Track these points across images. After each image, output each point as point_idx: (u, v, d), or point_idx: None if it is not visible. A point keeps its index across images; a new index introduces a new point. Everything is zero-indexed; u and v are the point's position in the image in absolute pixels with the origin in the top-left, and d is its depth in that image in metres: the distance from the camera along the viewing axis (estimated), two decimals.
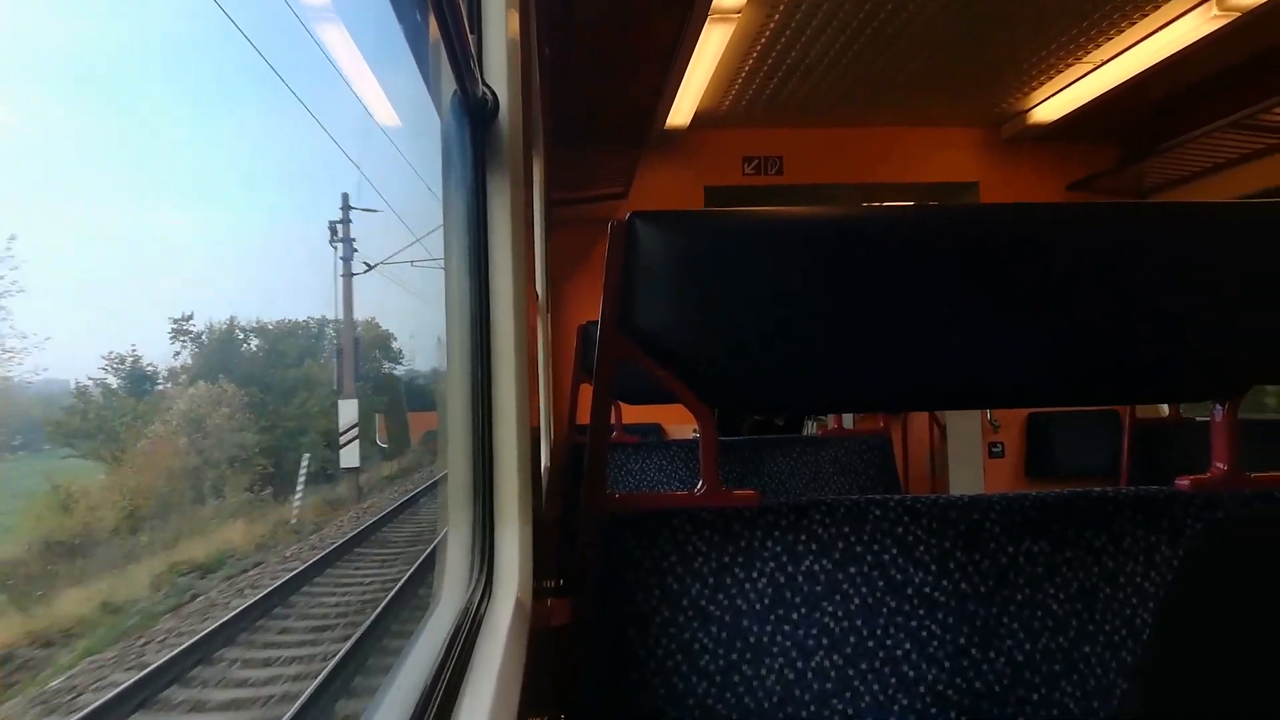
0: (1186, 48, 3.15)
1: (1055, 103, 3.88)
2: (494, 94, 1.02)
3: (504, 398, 1.03)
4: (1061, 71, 3.60)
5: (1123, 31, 3.22)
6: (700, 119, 3.97)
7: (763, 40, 3.26)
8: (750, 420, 4.44)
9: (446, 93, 1.00)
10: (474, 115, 1.01)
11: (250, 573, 6.94)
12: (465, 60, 0.90)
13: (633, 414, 2.87)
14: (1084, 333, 0.88)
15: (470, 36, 0.92)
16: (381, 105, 4.18)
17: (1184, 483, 0.98)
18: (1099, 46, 3.35)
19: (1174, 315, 0.88)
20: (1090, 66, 3.53)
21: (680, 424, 3.98)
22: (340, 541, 8.16)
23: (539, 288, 3.06)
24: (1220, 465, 0.98)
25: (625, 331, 0.90)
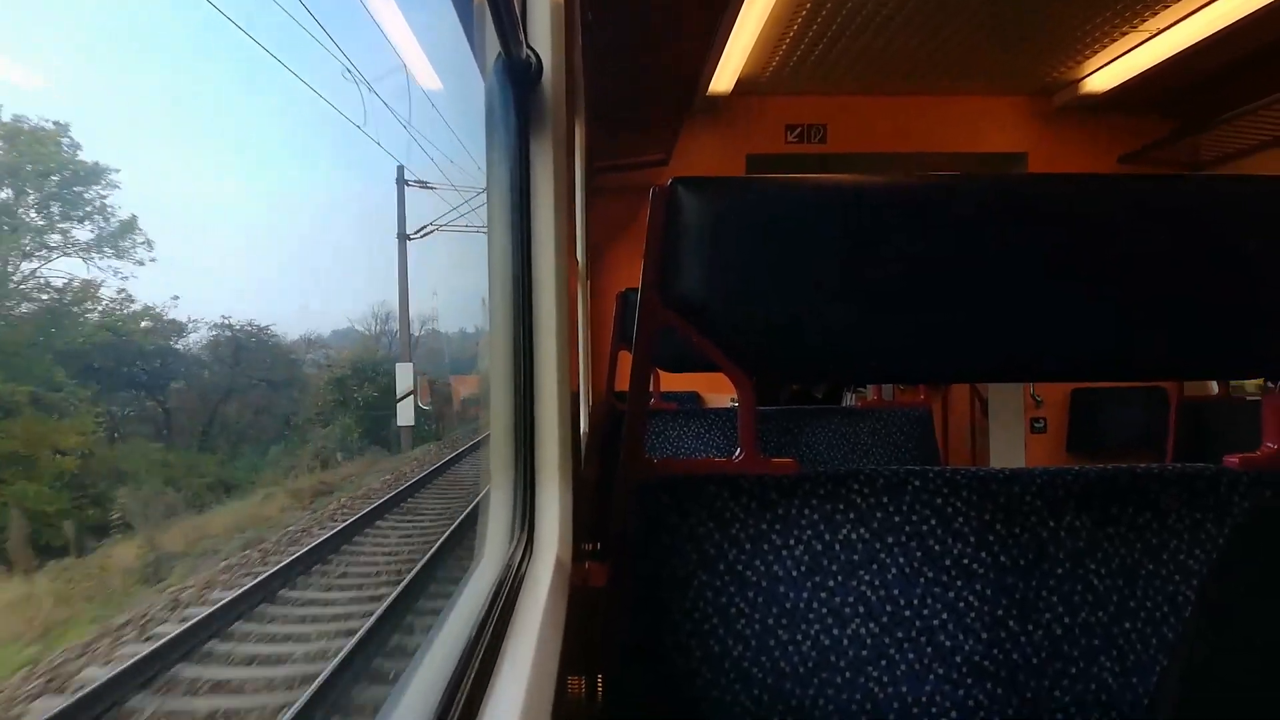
0: (1245, 16, 3.03)
1: (1108, 72, 3.76)
2: (538, 57, 1.02)
3: (545, 362, 1.04)
4: (1115, 40, 3.49)
5: None
6: (743, 86, 3.92)
7: (808, 5, 3.20)
8: (788, 391, 4.42)
9: (490, 55, 1.01)
10: (517, 78, 1.01)
11: None
12: (510, 22, 0.90)
13: (670, 382, 2.88)
14: (1133, 307, 0.86)
15: None
16: (424, 68, 4.19)
17: (1233, 461, 0.96)
18: (1155, 14, 3.24)
19: (1226, 290, 0.86)
20: (1145, 35, 3.41)
21: (718, 393, 3.98)
22: None
23: (579, 254, 3.07)
24: (1270, 445, 0.97)
25: (666, 299, 0.90)
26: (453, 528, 7.72)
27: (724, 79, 3.79)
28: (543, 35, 1.04)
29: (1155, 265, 0.86)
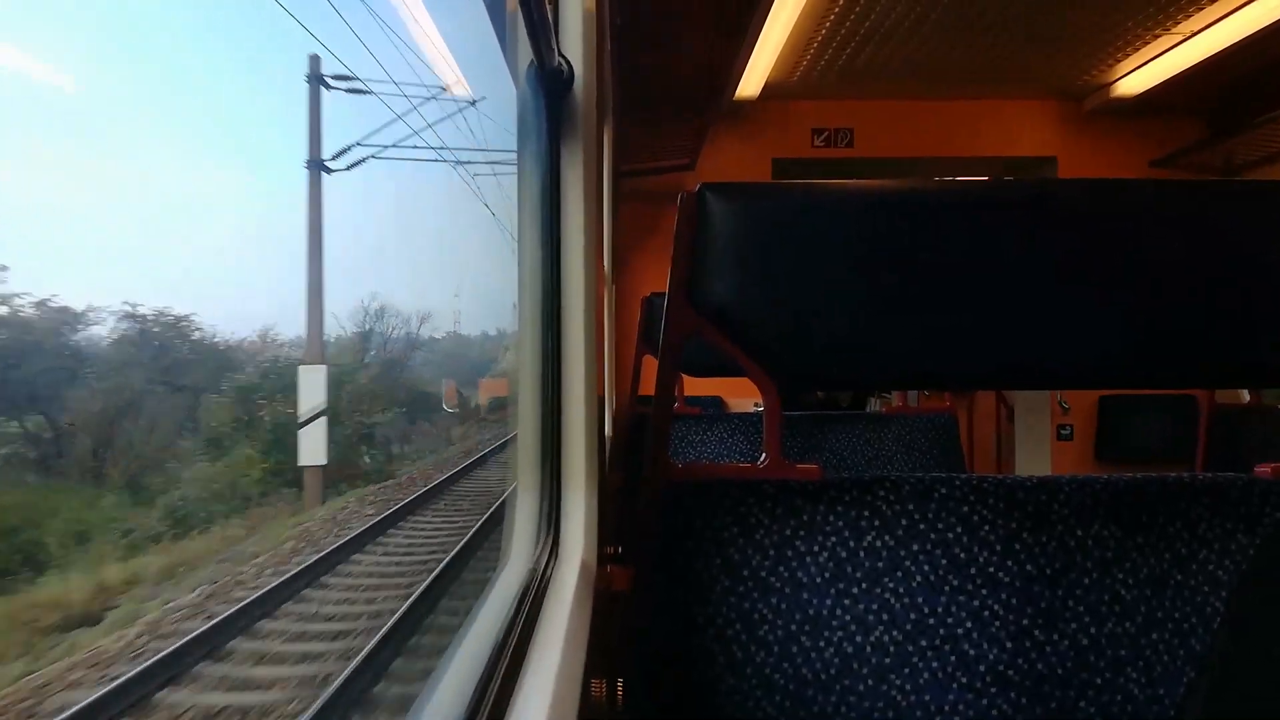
0: None
1: (1141, 75, 3.72)
2: (569, 65, 1.03)
3: (573, 366, 1.05)
4: (1149, 43, 3.45)
5: (1215, 1, 3.07)
6: (770, 90, 3.91)
7: (837, 8, 3.19)
8: (813, 397, 4.40)
9: (523, 63, 1.02)
10: (549, 86, 1.02)
11: None
12: (543, 31, 0.91)
13: (693, 386, 2.88)
14: (1164, 313, 0.85)
15: (548, 6, 0.93)
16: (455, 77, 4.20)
17: (1264, 470, 0.96)
18: (1189, 17, 3.20)
19: (1259, 296, 0.85)
20: (1180, 38, 3.37)
21: (741, 397, 3.98)
22: None
23: (605, 259, 3.08)
24: None
25: (693, 304, 0.90)
26: None
27: (751, 83, 3.79)
28: (574, 43, 1.05)
29: (1185, 271, 0.85)
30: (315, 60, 10.47)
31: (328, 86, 10.56)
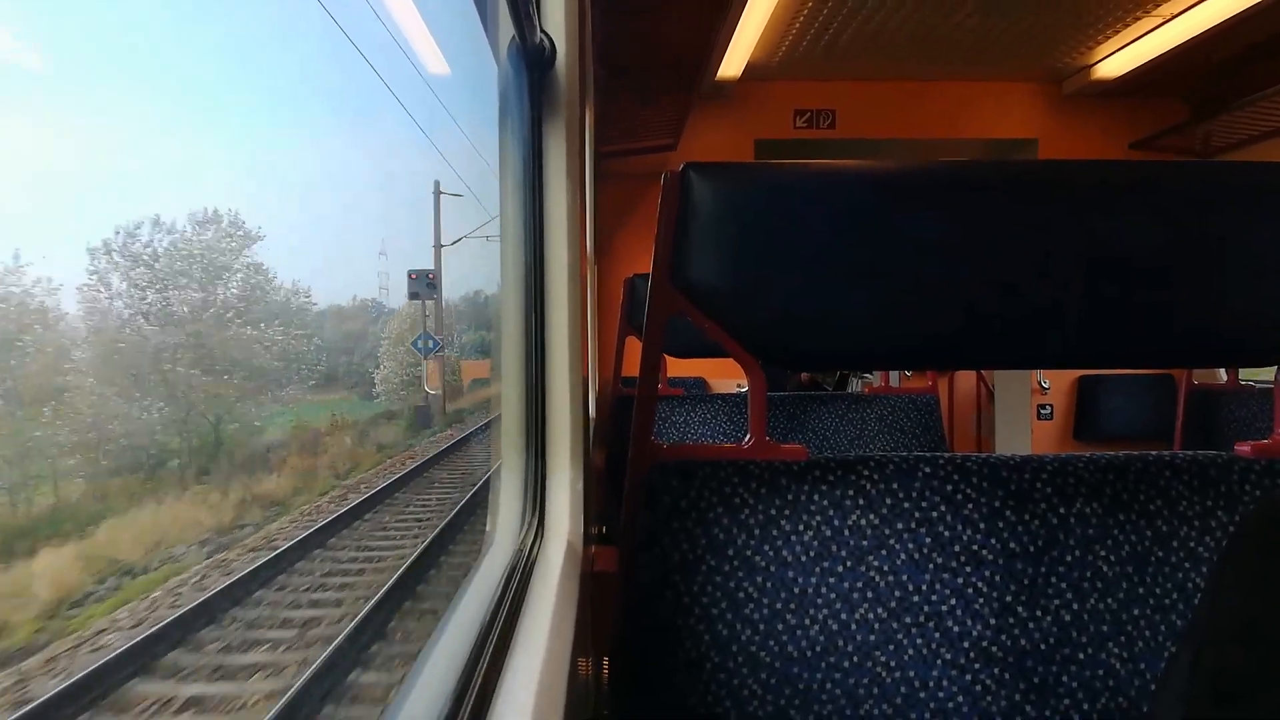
0: (1261, 0, 3.00)
1: (1121, 58, 3.73)
2: (551, 42, 1.02)
3: (556, 347, 1.05)
4: (1129, 25, 3.45)
5: None
6: (752, 70, 3.89)
7: None
8: (796, 379, 4.42)
9: (504, 40, 1.01)
10: (531, 63, 1.01)
11: None
12: (525, 7, 0.90)
13: (676, 369, 2.88)
14: (1143, 293, 0.86)
15: None
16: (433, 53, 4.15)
17: (1244, 448, 0.97)
18: None
19: (1236, 276, 0.86)
20: (1160, 20, 3.37)
21: (724, 378, 3.99)
22: None
23: (588, 240, 3.07)
24: None
25: (676, 284, 0.90)
26: None
27: (733, 63, 3.77)
28: (557, 20, 1.03)
29: (1164, 251, 0.85)
30: None
31: None
